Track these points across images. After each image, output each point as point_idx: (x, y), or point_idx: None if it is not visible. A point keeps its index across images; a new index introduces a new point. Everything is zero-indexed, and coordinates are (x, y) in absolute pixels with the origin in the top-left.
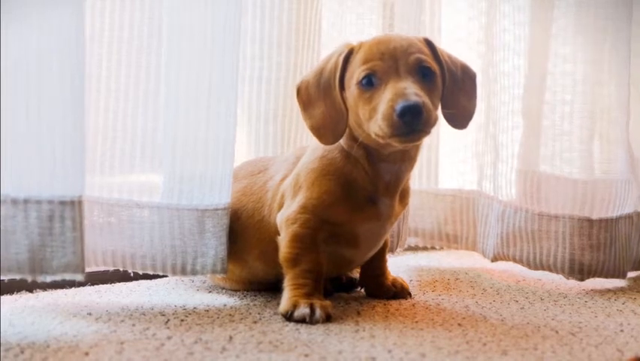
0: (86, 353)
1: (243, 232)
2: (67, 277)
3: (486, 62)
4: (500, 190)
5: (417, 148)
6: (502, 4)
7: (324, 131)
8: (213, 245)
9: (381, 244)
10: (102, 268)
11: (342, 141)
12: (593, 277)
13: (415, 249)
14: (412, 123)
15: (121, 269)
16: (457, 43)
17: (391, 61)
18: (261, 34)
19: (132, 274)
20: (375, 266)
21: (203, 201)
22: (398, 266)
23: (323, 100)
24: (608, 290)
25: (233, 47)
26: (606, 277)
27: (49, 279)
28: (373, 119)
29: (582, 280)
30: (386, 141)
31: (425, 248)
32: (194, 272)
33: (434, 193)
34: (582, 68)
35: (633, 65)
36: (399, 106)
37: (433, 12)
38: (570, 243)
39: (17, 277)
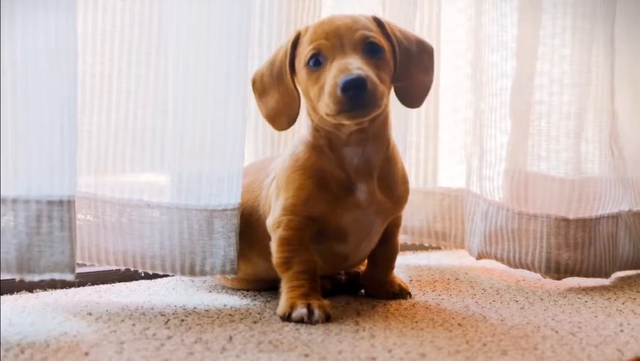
0: (86, 353)
1: (247, 228)
2: (57, 276)
3: (475, 63)
4: (485, 189)
5: (379, 127)
6: (488, 8)
7: (278, 117)
8: (222, 246)
9: (374, 238)
10: (110, 268)
11: (307, 134)
12: (570, 276)
13: (414, 248)
14: (356, 97)
15: (131, 269)
16: (457, 44)
17: (336, 39)
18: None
19: (132, 274)
20: (380, 272)
21: (211, 201)
22: (398, 266)
23: (276, 87)
24: (608, 290)
25: (241, 45)
26: (586, 276)
27: (37, 278)
28: (322, 99)
29: (559, 279)
30: (336, 120)
31: (426, 248)
32: (203, 273)
33: (423, 191)
34: (568, 69)
35: (631, 66)
36: (341, 81)
37: (431, 13)
38: (547, 242)
39: (6, 276)
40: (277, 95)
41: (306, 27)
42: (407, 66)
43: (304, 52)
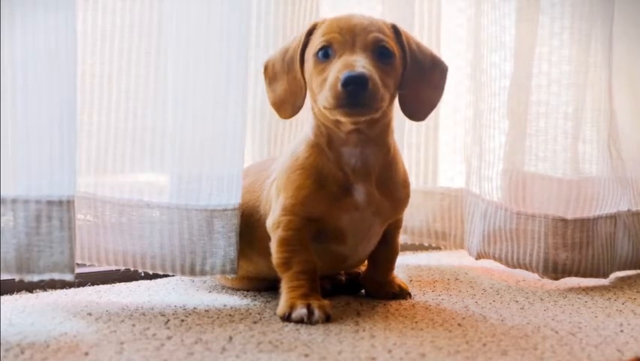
0: (86, 353)
1: (248, 228)
2: (56, 276)
3: (474, 64)
4: (484, 189)
5: (380, 132)
6: (487, 9)
7: (284, 105)
8: (222, 246)
9: (373, 239)
10: (110, 268)
11: (309, 131)
12: (568, 276)
13: (414, 248)
14: (355, 94)
15: (131, 269)
16: (457, 44)
17: (349, 35)
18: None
19: (132, 275)
20: (380, 273)
21: (211, 201)
22: (398, 266)
23: (286, 75)
24: (608, 290)
25: (241, 45)
26: (583, 276)
27: (36, 278)
28: (323, 91)
29: (556, 279)
30: (333, 115)
31: (426, 248)
32: (203, 273)
33: (423, 191)
34: (566, 70)
35: (629, 66)
36: (343, 75)
37: (430, 13)
38: (545, 242)
39: (5, 276)
40: (285, 82)
41: (323, 19)
42: (416, 78)
43: (316, 42)
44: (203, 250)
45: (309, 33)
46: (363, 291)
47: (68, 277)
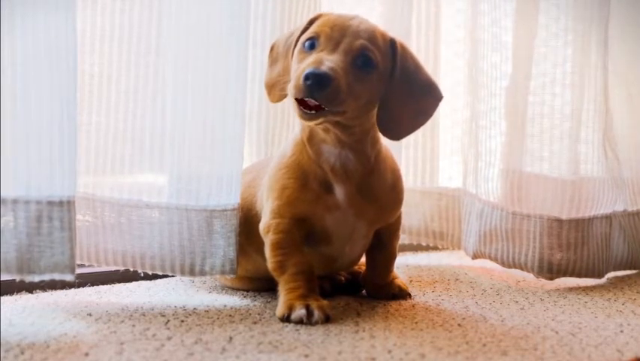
0: (86, 354)
1: (246, 223)
2: (57, 276)
3: (472, 64)
4: (481, 189)
5: (357, 140)
6: (486, 9)
7: (274, 88)
8: (222, 246)
9: (360, 241)
10: (110, 268)
11: (298, 128)
12: (563, 276)
13: (414, 248)
14: (312, 91)
15: (131, 269)
16: (456, 44)
17: (338, 34)
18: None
19: (132, 275)
20: (378, 276)
21: (210, 201)
22: (398, 266)
23: (283, 59)
24: (608, 291)
25: (240, 45)
26: (578, 276)
27: (37, 279)
28: (292, 79)
29: (551, 279)
30: (294, 109)
31: (426, 248)
32: (202, 273)
33: (421, 191)
34: (563, 71)
35: (626, 66)
36: (308, 70)
37: (428, 13)
38: (540, 242)
39: (5, 276)
40: (281, 66)
41: (328, 13)
42: (401, 97)
43: (308, 31)
44: (203, 250)
45: (311, 22)
46: (363, 291)
47: (69, 277)
